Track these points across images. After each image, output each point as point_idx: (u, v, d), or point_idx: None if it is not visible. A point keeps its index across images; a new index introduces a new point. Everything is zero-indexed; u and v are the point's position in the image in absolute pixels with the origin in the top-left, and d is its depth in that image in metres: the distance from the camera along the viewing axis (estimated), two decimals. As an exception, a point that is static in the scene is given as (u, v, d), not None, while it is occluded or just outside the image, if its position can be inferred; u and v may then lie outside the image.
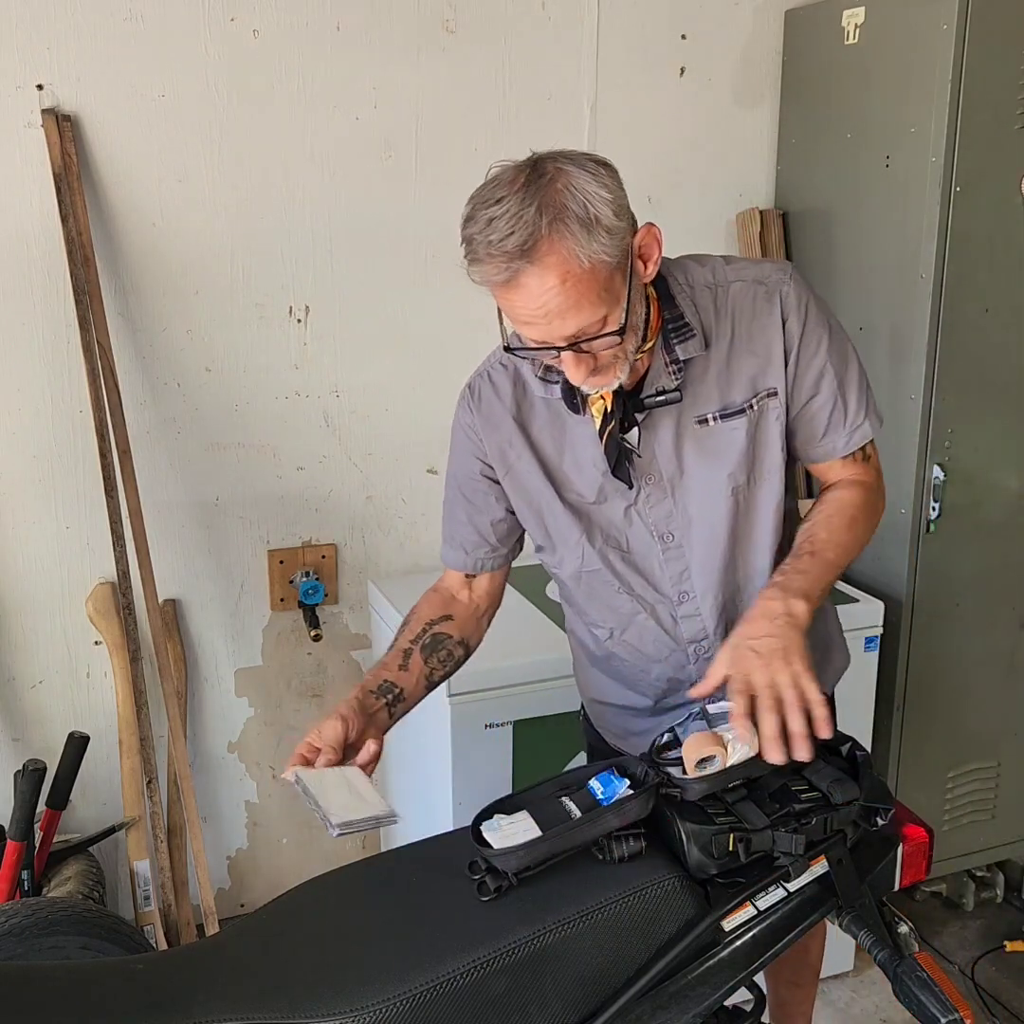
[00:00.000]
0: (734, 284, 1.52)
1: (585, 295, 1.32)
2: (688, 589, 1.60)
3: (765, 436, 1.55)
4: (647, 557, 1.59)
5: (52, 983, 1.22)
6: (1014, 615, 2.57)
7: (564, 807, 1.29)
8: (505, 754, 2.13)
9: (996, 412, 2.44)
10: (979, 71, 2.20)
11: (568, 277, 1.31)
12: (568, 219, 1.30)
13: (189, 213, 2.36)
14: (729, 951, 1.27)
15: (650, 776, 1.30)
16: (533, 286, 1.31)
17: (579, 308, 1.33)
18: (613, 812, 1.26)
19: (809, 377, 1.54)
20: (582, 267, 1.31)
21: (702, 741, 1.29)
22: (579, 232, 1.30)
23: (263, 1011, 1.14)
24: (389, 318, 2.54)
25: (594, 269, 1.32)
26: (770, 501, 1.58)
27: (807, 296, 1.53)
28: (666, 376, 1.49)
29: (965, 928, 2.74)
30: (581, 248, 1.30)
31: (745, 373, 1.52)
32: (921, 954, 1.29)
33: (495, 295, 1.38)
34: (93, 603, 2.41)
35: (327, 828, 1.27)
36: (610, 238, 1.32)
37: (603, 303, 1.34)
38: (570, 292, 1.31)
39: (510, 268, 1.31)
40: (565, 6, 2.50)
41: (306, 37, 2.35)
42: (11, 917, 1.88)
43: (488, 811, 1.32)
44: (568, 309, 1.33)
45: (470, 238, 1.34)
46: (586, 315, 1.34)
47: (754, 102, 2.71)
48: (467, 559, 1.67)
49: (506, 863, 1.24)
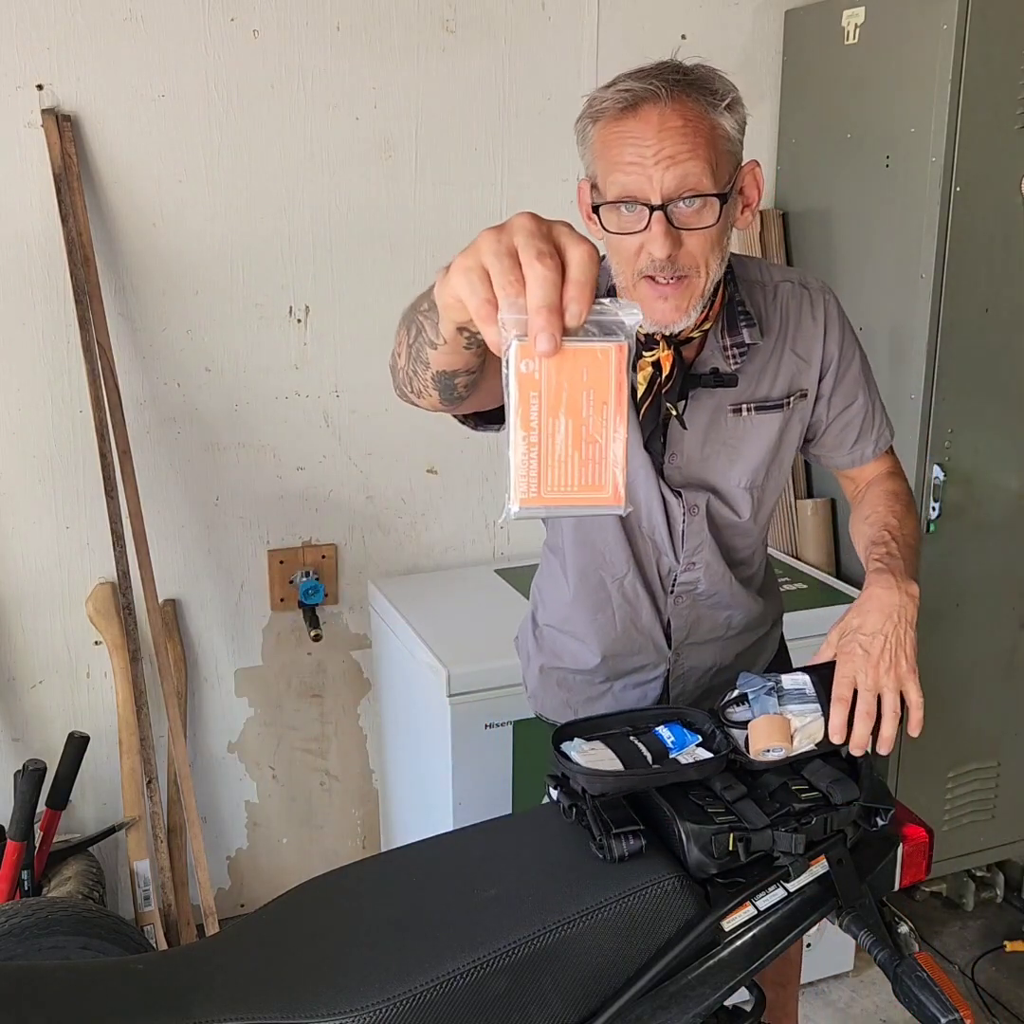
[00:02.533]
0: (782, 284, 1.56)
1: (702, 148, 1.31)
2: (697, 561, 1.62)
3: (789, 435, 1.59)
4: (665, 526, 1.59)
5: (52, 983, 1.22)
6: (1014, 615, 2.57)
7: (637, 747, 1.34)
8: (505, 754, 2.13)
9: (996, 412, 2.44)
10: (979, 71, 2.20)
11: (691, 122, 1.30)
12: (708, 81, 1.33)
13: (189, 213, 2.36)
14: (729, 951, 1.26)
15: (719, 736, 1.34)
16: (655, 118, 1.30)
17: (693, 156, 1.30)
18: (694, 768, 1.31)
19: (847, 384, 1.59)
20: (706, 119, 1.31)
21: (772, 729, 1.32)
22: (710, 96, 1.32)
23: (263, 1011, 1.14)
24: (389, 318, 2.51)
25: (715, 131, 1.33)
26: (774, 497, 1.64)
27: (841, 309, 1.59)
28: (723, 359, 1.49)
29: (965, 928, 2.74)
30: (711, 103, 1.32)
31: (785, 371, 1.55)
32: (921, 954, 1.29)
33: (604, 140, 1.34)
34: (93, 603, 2.41)
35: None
36: (735, 121, 1.34)
37: (711, 173, 1.32)
38: (688, 139, 1.30)
39: (638, 93, 1.30)
40: (565, 6, 2.50)
41: (306, 37, 2.35)
42: (11, 917, 1.88)
43: (565, 733, 1.37)
44: (682, 153, 1.30)
45: (597, 97, 1.34)
46: (695, 170, 1.31)
47: (754, 102, 2.69)
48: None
49: (591, 785, 1.28)
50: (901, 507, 1.59)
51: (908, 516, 1.58)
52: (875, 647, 1.37)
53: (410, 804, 2.52)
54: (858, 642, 1.38)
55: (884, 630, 1.39)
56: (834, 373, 1.58)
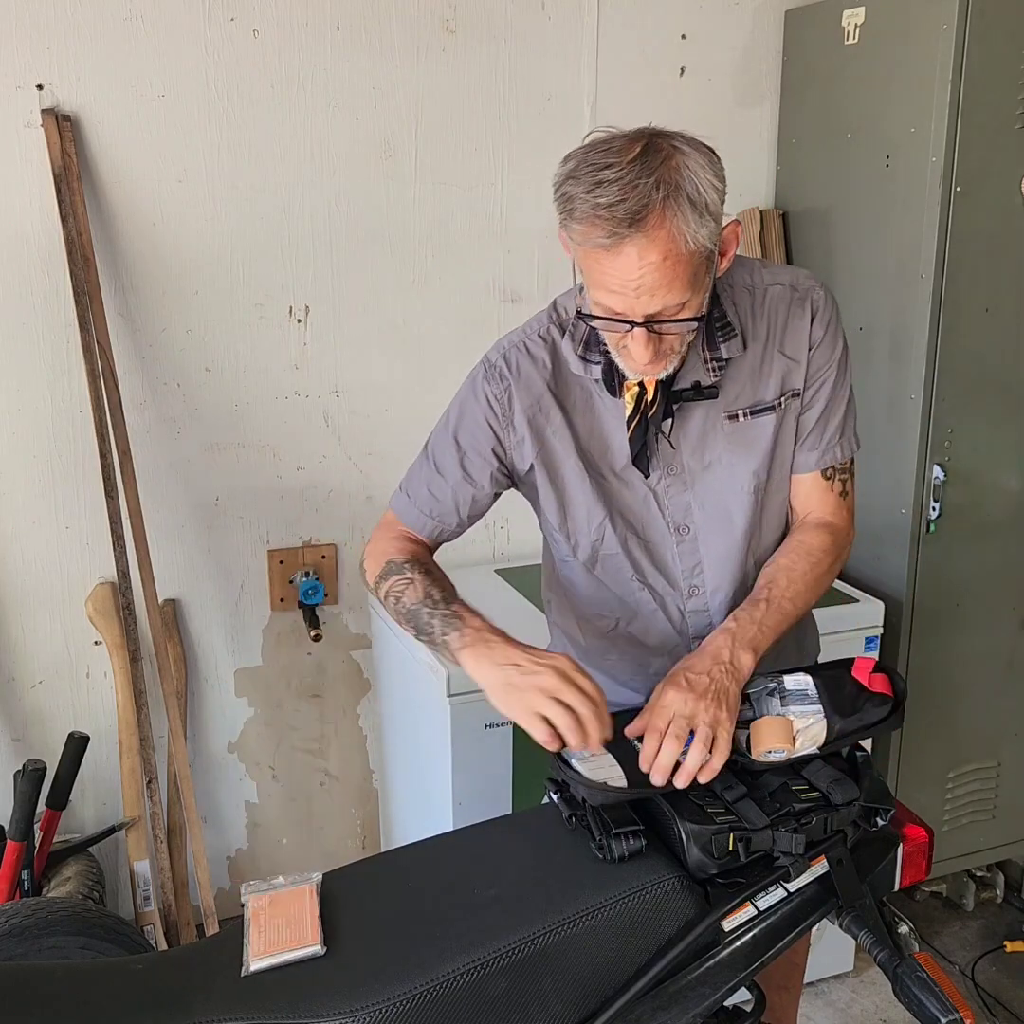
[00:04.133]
0: (772, 288, 1.55)
1: (680, 277, 1.33)
2: (699, 584, 1.61)
3: (785, 435, 1.58)
4: (662, 547, 1.60)
5: (52, 983, 1.22)
6: (1014, 615, 2.57)
7: (636, 749, 1.35)
8: (505, 754, 2.13)
9: (996, 412, 2.44)
10: (979, 71, 2.20)
11: (670, 255, 1.31)
12: (682, 199, 1.31)
13: (189, 213, 2.36)
14: (729, 951, 1.27)
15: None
16: (634, 257, 1.31)
17: (670, 288, 1.34)
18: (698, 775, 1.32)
19: (814, 382, 1.57)
20: (686, 248, 1.31)
21: (774, 730, 1.33)
22: (690, 213, 1.31)
23: (263, 1011, 1.14)
24: (389, 318, 2.54)
25: (694, 254, 1.33)
26: (780, 500, 1.62)
27: (832, 307, 1.58)
28: (704, 372, 1.51)
29: (965, 928, 2.74)
30: (690, 230, 1.31)
31: (776, 373, 1.55)
32: (921, 954, 1.29)
33: (585, 258, 1.37)
34: (93, 603, 2.41)
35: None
36: (715, 226, 1.34)
37: (691, 289, 1.35)
38: (668, 271, 1.32)
39: (617, 234, 1.30)
40: (565, 6, 2.50)
41: (306, 37, 2.35)
42: (11, 917, 1.88)
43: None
44: (660, 287, 1.33)
45: (572, 196, 1.33)
46: (674, 296, 1.34)
47: (754, 102, 2.71)
48: (428, 523, 1.62)
49: (592, 796, 1.30)
50: (804, 566, 1.54)
51: (804, 579, 1.53)
52: (700, 684, 1.38)
53: (410, 804, 2.52)
54: (684, 676, 1.40)
55: (712, 674, 1.39)
56: (806, 364, 1.56)
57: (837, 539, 1.59)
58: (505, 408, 1.56)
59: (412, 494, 1.64)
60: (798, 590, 1.51)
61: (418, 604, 1.49)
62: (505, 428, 1.57)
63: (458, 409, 1.61)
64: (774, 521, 1.63)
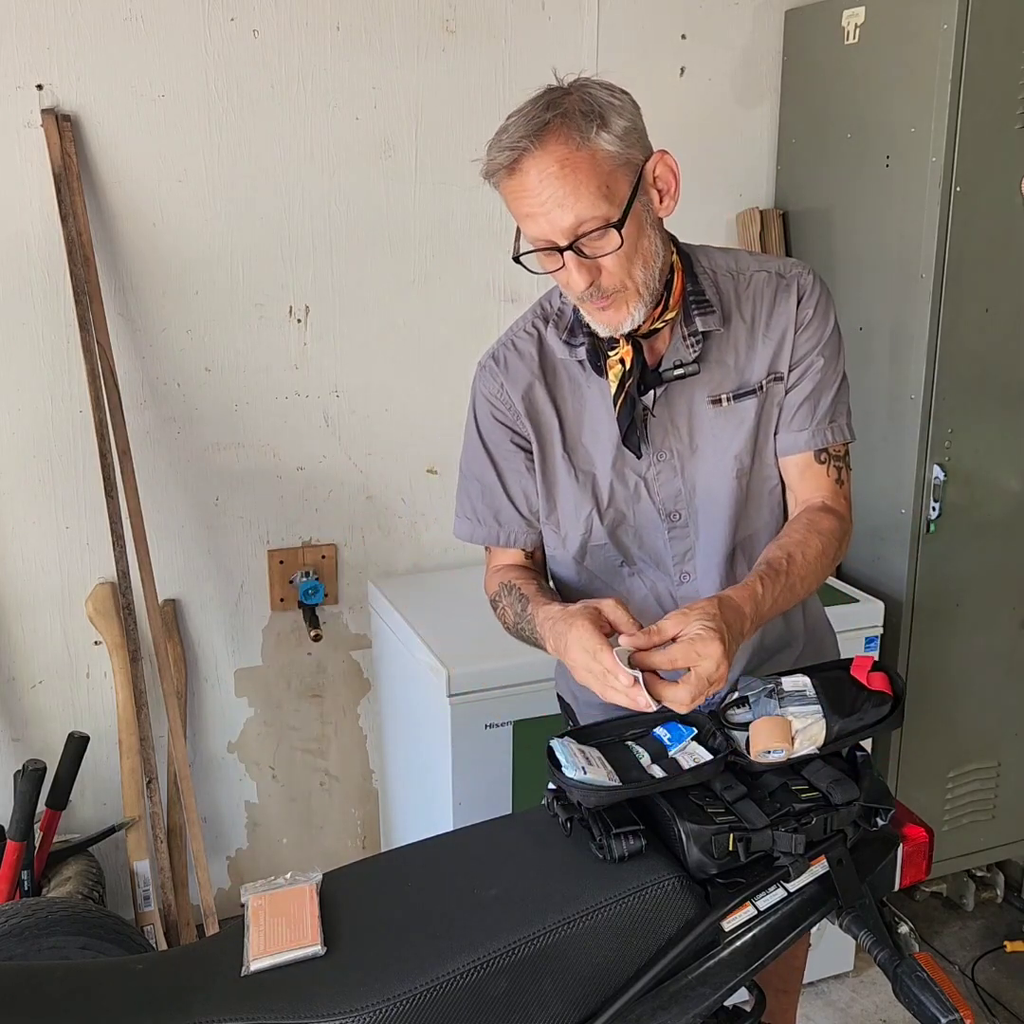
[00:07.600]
0: (757, 274, 1.56)
1: (584, 183, 1.35)
2: (690, 570, 1.61)
3: (766, 418, 1.58)
4: (653, 535, 1.61)
5: (52, 983, 1.22)
6: (1014, 615, 2.57)
7: (633, 752, 1.35)
8: (505, 754, 2.13)
9: (996, 412, 2.44)
10: (979, 71, 2.20)
11: (567, 163, 1.35)
12: (573, 112, 1.36)
13: (189, 213, 2.36)
14: (729, 951, 1.27)
15: (719, 736, 1.35)
16: (533, 172, 1.36)
17: (576, 196, 1.35)
18: (692, 774, 1.31)
19: (799, 363, 1.56)
20: (580, 151, 1.35)
21: (773, 731, 1.32)
22: (581, 120, 1.36)
23: (263, 1011, 1.14)
24: (389, 318, 2.54)
25: (594, 157, 1.36)
26: (768, 489, 1.61)
27: (821, 290, 1.57)
28: (684, 349, 1.51)
29: (965, 928, 2.74)
30: (581, 133, 1.35)
31: (760, 358, 1.55)
32: (921, 954, 1.29)
33: (505, 197, 1.41)
34: (93, 603, 2.41)
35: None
36: (613, 137, 1.37)
37: (603, 198, 1.37)
38: (568, 177, 1.35)
39: (514, 150, 1.36)
40: (565, 6, 2.50)
41: (306, 37, 2.35)
42: (11, 917, 1.88)
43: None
44: (566, 196, 1.35)
45: (487, 148, 1.40)
46: (584, 205, 1.36)
47: (754, 102, 2.71)
48: (498, 532, 1.66)
49: (586, 798, 1.29)
50: (819, 544, 1.49)
51: (817, 560, 1.49)
52: (731, 651, 1.30)
53: (410, 804, 2.52)
54: (729, 633, 1.31)
55: (737, 640, 1.33)
56: (792, 345, 1.55)
57: (842, 525, 1.57)
58: (506, 401, 1.60)
59: (471, 515, 1.68)
60: (809, 571, 1.47)
61: (517, 622, 1.57)
62: (514, 420, 1.61)
63: (472, 417, 1.66)
64: (762, 509, 1.61)
